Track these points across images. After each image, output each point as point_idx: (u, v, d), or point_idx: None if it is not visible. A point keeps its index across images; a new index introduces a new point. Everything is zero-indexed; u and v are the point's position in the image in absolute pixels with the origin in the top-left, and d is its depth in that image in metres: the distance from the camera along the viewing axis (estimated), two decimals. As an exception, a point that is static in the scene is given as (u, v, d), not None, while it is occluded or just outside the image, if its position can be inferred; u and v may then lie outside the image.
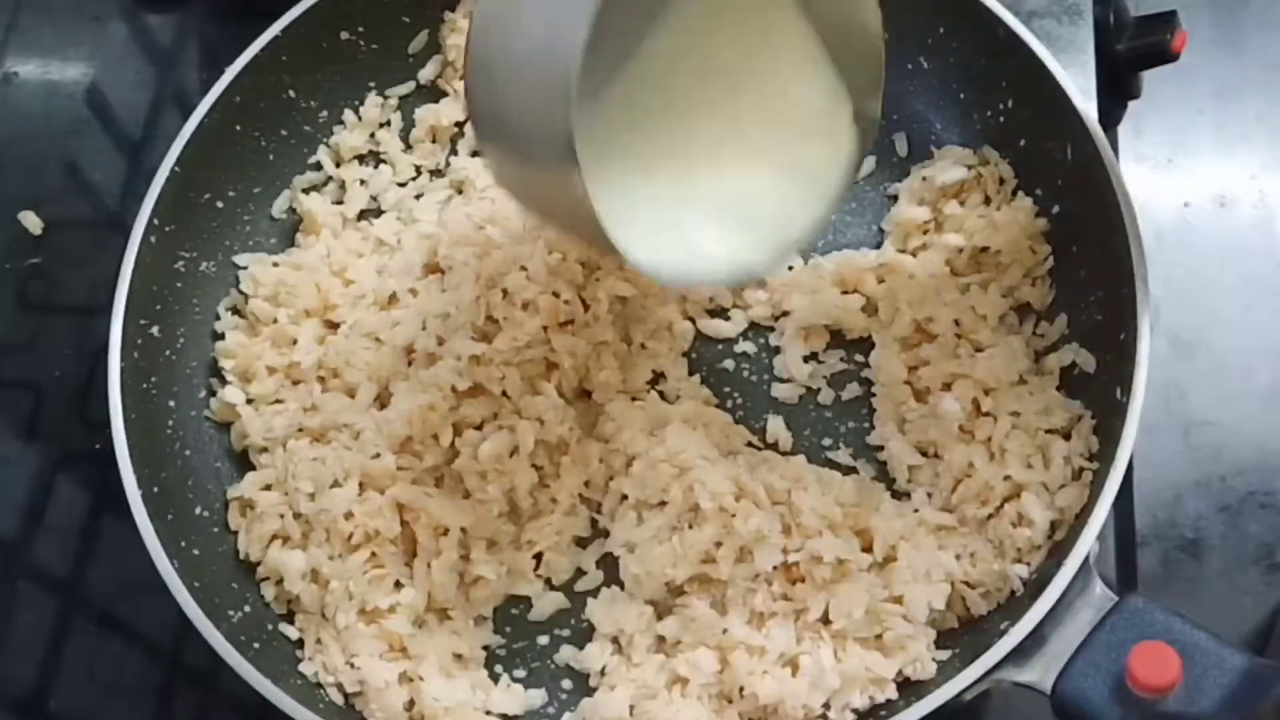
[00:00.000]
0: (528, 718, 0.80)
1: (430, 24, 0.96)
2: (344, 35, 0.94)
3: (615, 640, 0.80)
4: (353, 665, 0.78)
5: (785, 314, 0.87)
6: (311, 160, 0.95)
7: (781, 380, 0.87)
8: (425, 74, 0.97)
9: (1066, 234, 0.84)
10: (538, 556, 0.83)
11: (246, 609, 0.81)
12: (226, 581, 0.82)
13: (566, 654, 0.81)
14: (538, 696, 0.81)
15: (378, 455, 0.81)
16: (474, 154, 0.95)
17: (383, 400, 0.85)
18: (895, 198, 0.91)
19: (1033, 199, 0.86)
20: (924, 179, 0.89)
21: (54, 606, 0.89)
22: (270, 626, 0.81)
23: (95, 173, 1.03)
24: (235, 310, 0.90)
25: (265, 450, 0.86)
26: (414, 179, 0.96)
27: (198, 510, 0.84)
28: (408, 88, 0.97)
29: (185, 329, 0.88)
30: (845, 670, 0.74)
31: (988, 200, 0.88)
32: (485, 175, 0.92)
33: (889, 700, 0.74)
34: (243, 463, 0.87)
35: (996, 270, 0.85)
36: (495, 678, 0.81)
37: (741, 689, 0.75)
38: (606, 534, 0.83)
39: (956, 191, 0.88)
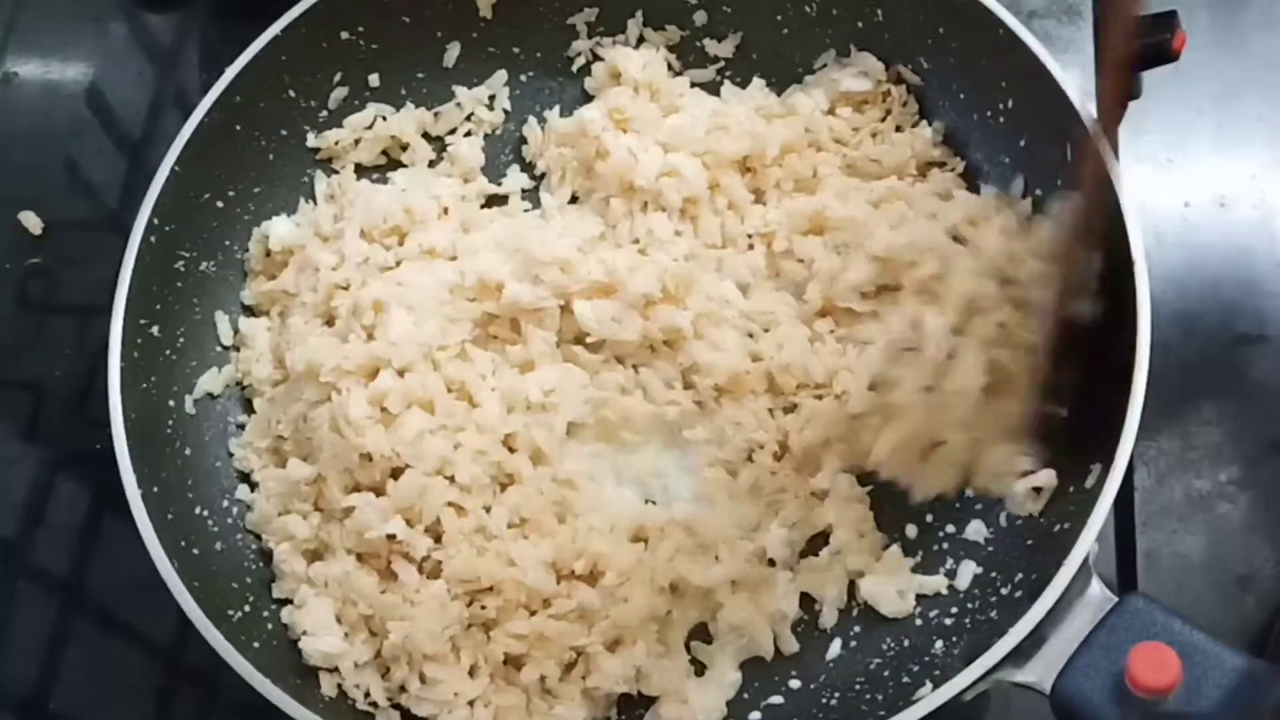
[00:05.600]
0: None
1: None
2: (344, 35, 0.94)
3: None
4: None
5: None
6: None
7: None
8: (425, 74, 0.97)
9: (1066, 234, 0.84)
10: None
11: (246, 609, 0.81)
12: (226, 581, 0.82)
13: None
14: None
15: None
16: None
17: None
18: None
19: (1033, 199, 0.86)
20: (832, 79, 0.92)
21: (54, 606, 0.89)
22: (270, 626, 0.81)
23: (95, 173, 1.03)
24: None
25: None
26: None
27: (198, 510, 0.84)
28: (408, 88, 0.97)
29: (185, 329, 0.89)
30: None
31: (886, 117, 0.91)
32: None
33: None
34: (243, 462, 0.88)
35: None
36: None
37: None
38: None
39: (859, 102, 0.91)
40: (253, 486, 0.86)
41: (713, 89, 0.96)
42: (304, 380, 0.84)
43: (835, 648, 0.81)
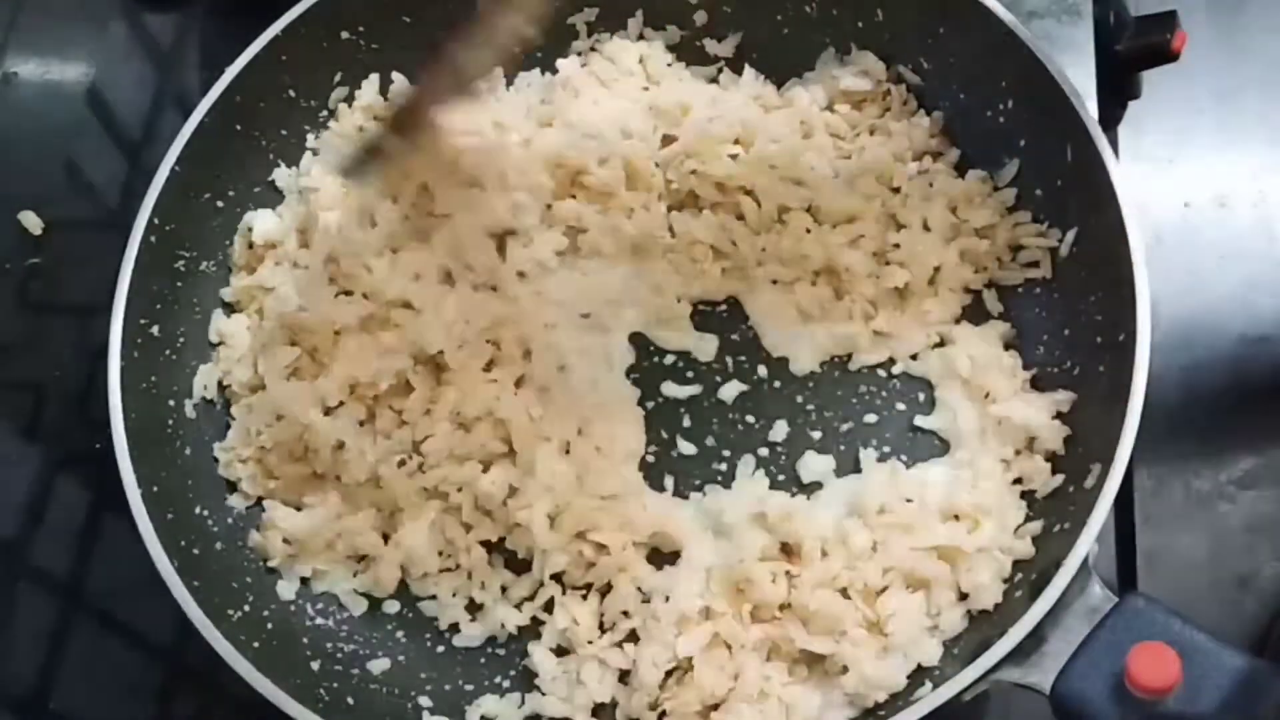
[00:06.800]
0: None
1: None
2: (344, 35, 0.94)
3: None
4: None
5: None
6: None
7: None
8: (425, 74, 0.97)
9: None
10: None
11: (246, 609, 0.81)
12: (226, 581, 0.82)
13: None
14: None
15: None
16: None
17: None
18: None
19: (1033, 199, 0.86)
20: (833, 77, 0.92)
21: (54, 606, 0.89)
22: (270, 626, 0.81)
23: (95, 173, 1.03)
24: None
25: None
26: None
27: (198, 510, 0.84)
28: (408, 88, 0.97)
29: (185, 329, 0.89)
30: None
31: (884, 115, 0.91)
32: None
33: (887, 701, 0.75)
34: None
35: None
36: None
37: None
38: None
39: (859, 100, 0.91)
40: (234, 489, 0.87)
41: (713, 90, 0.96)
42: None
43: (836, 647, 0.81)
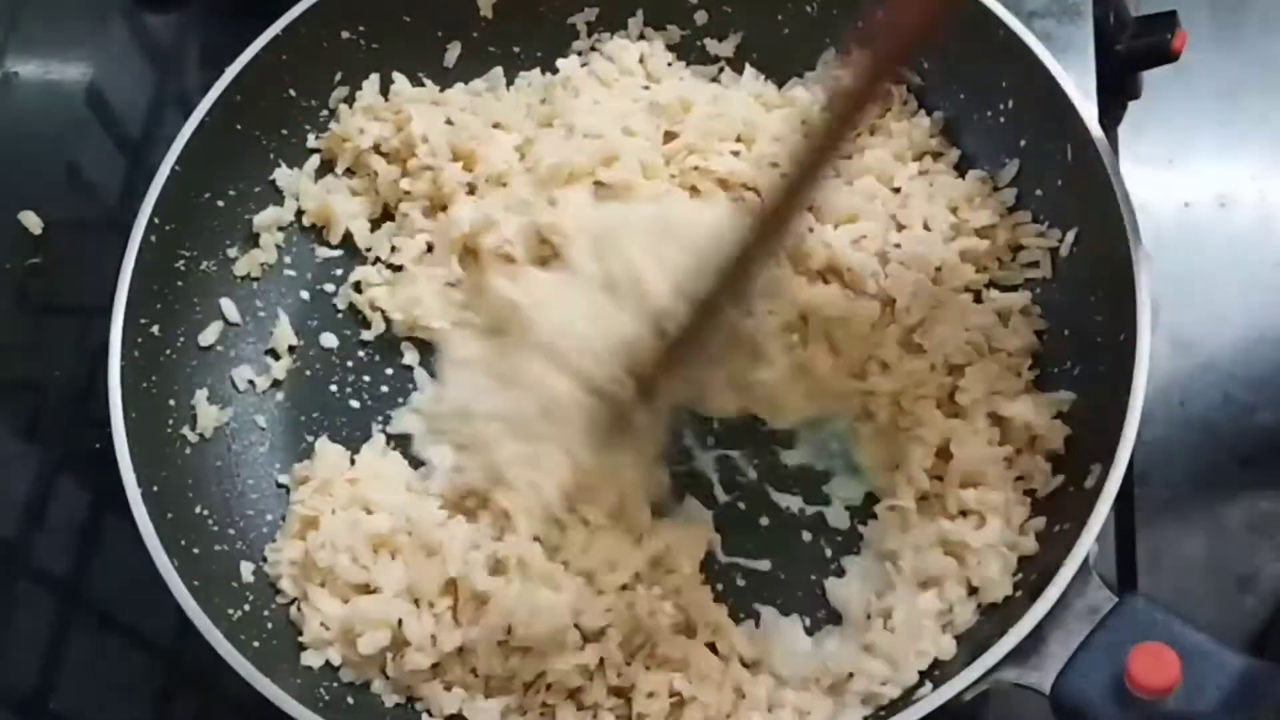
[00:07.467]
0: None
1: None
2: (344, 35, 0.94)
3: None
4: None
5: None
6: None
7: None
8: (425, 74, 0.97)
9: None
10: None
11: (246, 609, 0.81)
12: (226, 581, 0.82)
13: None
14: None
15: None
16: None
17: None
18: None
19: (1033, 199, 0.86)
20: (834, 75, 0.91)
21: (54, 606, 0.89)
22: (270, 626, 0.81)
23: (95, 173, 1.03)
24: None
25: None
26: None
27: (198, 510, 0.84)
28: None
29: (185, 329, 0.89)
30: None
31: (885, 115, 0.91)
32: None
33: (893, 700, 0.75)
34: (240, 461, 0.88)
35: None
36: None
37: None
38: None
39: None
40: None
41: (713, 90, 0.96)
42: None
43: (835, 648, 0.81)
